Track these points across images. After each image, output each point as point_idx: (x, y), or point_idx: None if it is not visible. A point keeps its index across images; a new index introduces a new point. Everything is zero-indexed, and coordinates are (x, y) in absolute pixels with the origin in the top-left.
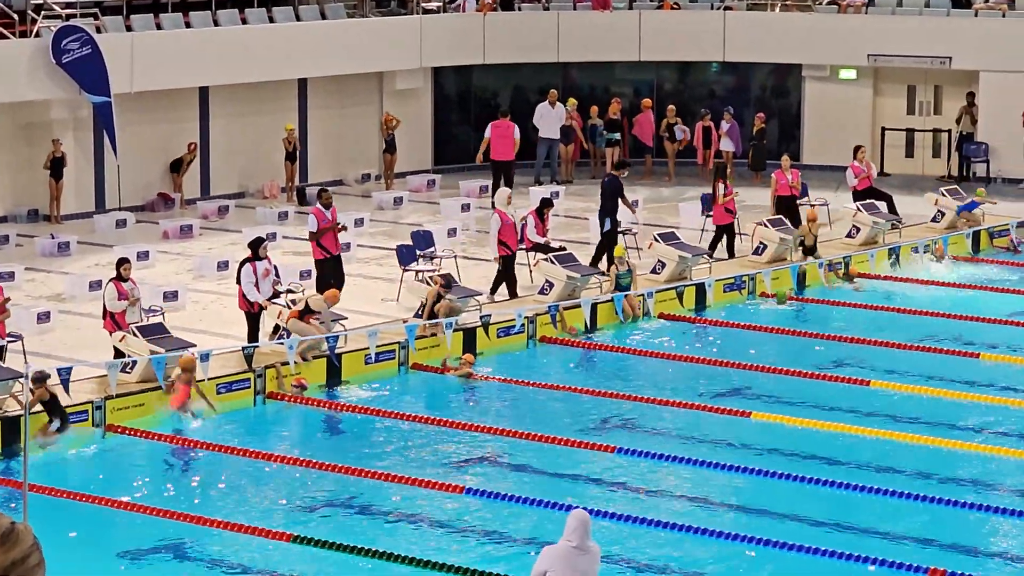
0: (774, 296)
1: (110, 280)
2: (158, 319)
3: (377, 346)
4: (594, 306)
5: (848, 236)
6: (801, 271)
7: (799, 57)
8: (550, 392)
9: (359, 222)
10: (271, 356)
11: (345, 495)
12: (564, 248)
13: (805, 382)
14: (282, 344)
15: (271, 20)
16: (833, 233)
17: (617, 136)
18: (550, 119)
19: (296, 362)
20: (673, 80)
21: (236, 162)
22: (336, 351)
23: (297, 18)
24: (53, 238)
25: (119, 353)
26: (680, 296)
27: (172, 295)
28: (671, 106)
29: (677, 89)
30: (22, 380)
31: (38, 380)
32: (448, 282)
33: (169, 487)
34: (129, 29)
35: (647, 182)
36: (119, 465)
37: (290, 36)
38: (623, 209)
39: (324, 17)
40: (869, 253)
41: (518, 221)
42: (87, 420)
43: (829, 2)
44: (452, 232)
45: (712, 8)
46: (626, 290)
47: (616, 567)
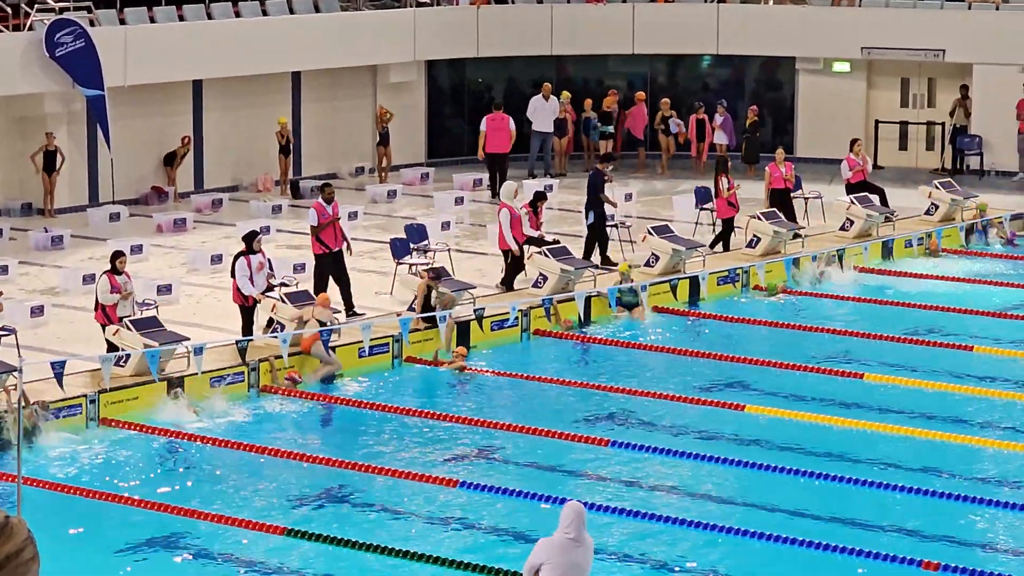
0: (766, 289)
1: (104, 272)
2: (152, 313)
3: (371, 339)
4: (588, 299)
5: (842, 229)
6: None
7: (792, 50)
8: (544, 385)
9: (353, 215)
10: (265, 349)
11: (338, 488)
12: (558, 241)
13: (799, 375)
14: (276, 337)
15: (264, 13)
16: (827, 226)
17: (610, 129)
18: (544, 112)
19: (290, 354)
20: (667, 73)
21: (230, 156)
22: (330, 344)
23: (291, 11)
24: (46, 232)
25: (111, 346)
26: (674, 289)
27: (166, 289)
28: (665, 99)
29: (671, 82)
30: (16, 374)
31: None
32: (438, 274)
33: (162, 481)
34: (122, 22)
35: (640, 175)
36: (113, 459)
37: (284, 29)
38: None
39: (318, 10)
40: (863, 245)
41: (523, 213)
42: (81, 414)
43: None
44: (446, 225)
45: (705, 1)
46: (629, 307)
47: (609, 560)
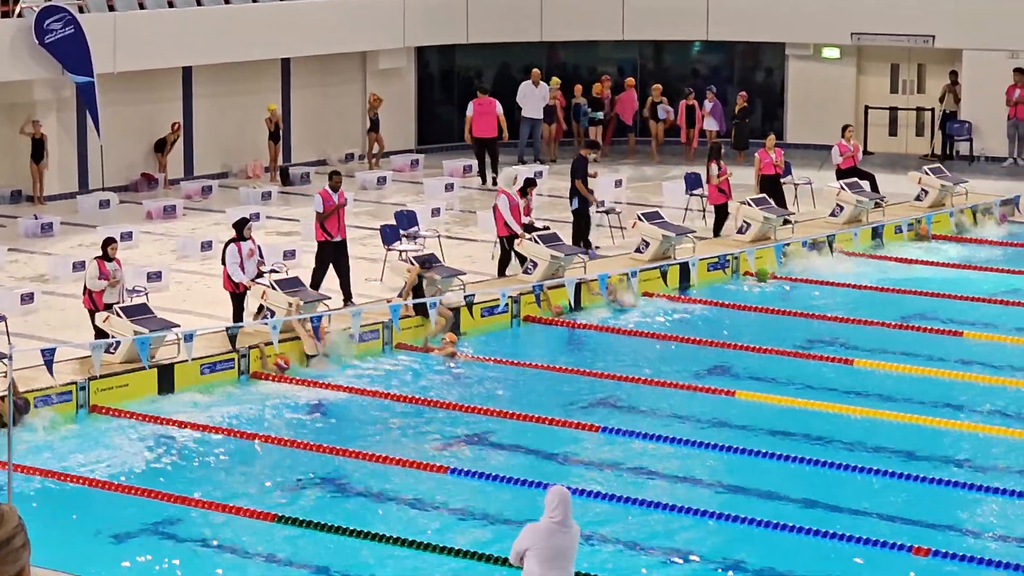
0: (756, 275)
1: (94, 258)
2: (142, 299)
3: (361, 326)
4: (578, 285)
5: (831, 215)
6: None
7: (782, 36)
8: (534, 371)
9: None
10: (255, 336)
11: (329, 475)
12: (548, 228)
13: (789, 361)
14: (266, 324)
15: (254, 0)
16: (817, 212)
17: (600, 115)
18: (533, 98)
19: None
20: (656, 59)
21: (219, 142)
22: (320, 330)
23: None
24: (36, 219)
25: (100, 333)
26: (664, 275)
27: (156, 275)
28: (657, 85)
29: (660, 68)
30: (6, 361)
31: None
32: (427, 261)
33: (153, 467)
34: (112, 9)
35: (630, 161)
36: (103, 446)
37: (273, 15)
38: (603, 188)
39: None
40: (853, 231)
41: (520, 201)
42: (71, 401)
43: None
44: (436, 212)
45: None
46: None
47: (600, 546)
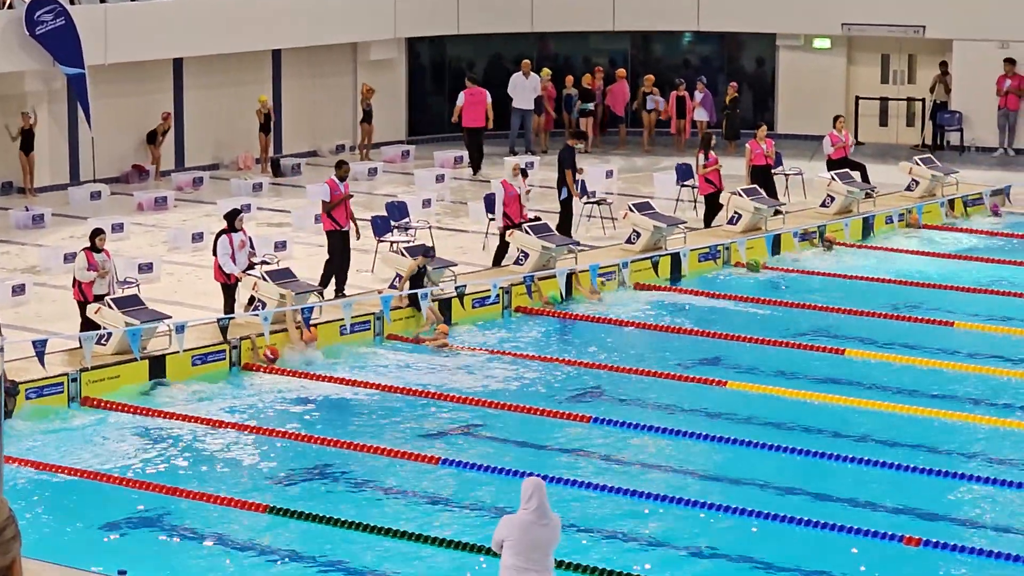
0: (747, 265)
1: (82, 249)
2: (133, 291)
3: (352, 317)
4: (569, 276)
5: (822, 205)
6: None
7: (773, 26)
8: (525, 362)
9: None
10: (246, 327)
11: (320, 466)
12: (539, 218)
13: (780, 351)
14: (257, 315)
15: None
16: (808, 202)
17: (590, 106)
18: (524, 89)
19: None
20: (647, 50)
21: (210, 134)
22: (311, 322)
23: None
24: (27, 210)
25: (89, 325)
26: (655, 266)
27: (147, 267)
28: (649, 76)
29: (651, 59)
30: None
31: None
32: (428, 251)
33: (145, 459)
34: (103, 0)
35: (621, 152)
36: (94, 437)
37: (264, 6)
38: (593, 179)
39: None
40: (844, 222)
41: (523, 192)
42: (62, 392)
43: None
44: (427, 203)
45: None
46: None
47: (590, 536)
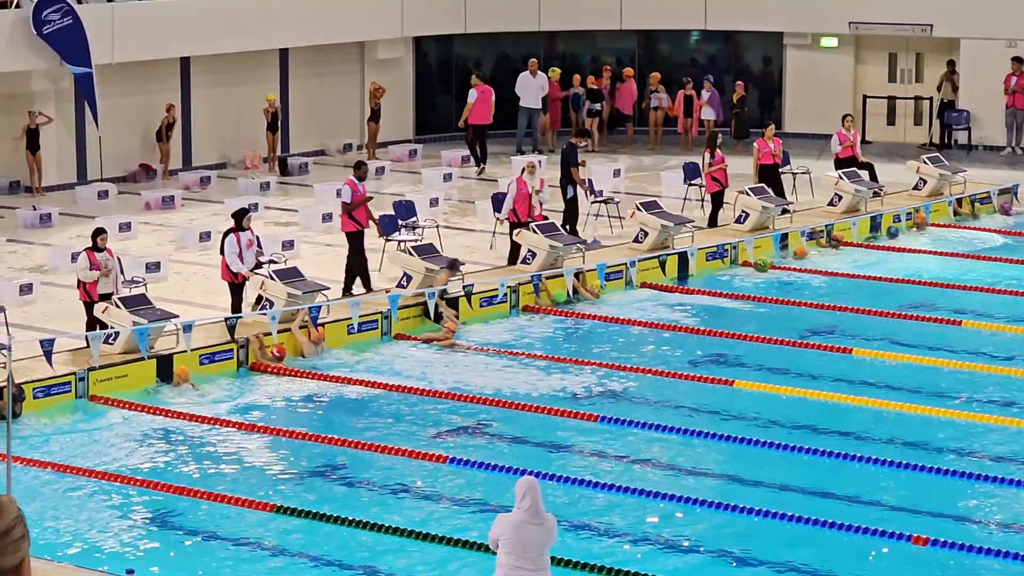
0: (755, 265)
1: (84, 249)
2: (140, 290)
3: (360, 316)
4: (577, 275)
5: (830, 204)
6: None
7: (780, 25)
8: (533, 361)
9: (339, 192)
10: (254, 326)
11: (328, 465)
12: (546, 217)
13: (787, 350)
14: (264, 315)
15: None
16: (815, 201)
17: (598, 106)
18: (531, 88)
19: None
20: (655, 49)
21: (218, 133)
22: (319, 321)
23: None
24: (35, 210)
25: (92, 324)
26: (662, 265)
27: (154, 266)
28: (655, 74)
29: (658, 58)
30: (4, 352)
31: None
32: (453, 264)
33: (152, 458)
34: (110, 0)
35: (628, 151)
36: (102, 437)
37: (271, 5)
38: (601, 178)
39: None
40: (851, 221)
41: (533, 190)
42: (70, 392)
43: None
44: (434, 202)
45: None
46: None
47: (597, 536)
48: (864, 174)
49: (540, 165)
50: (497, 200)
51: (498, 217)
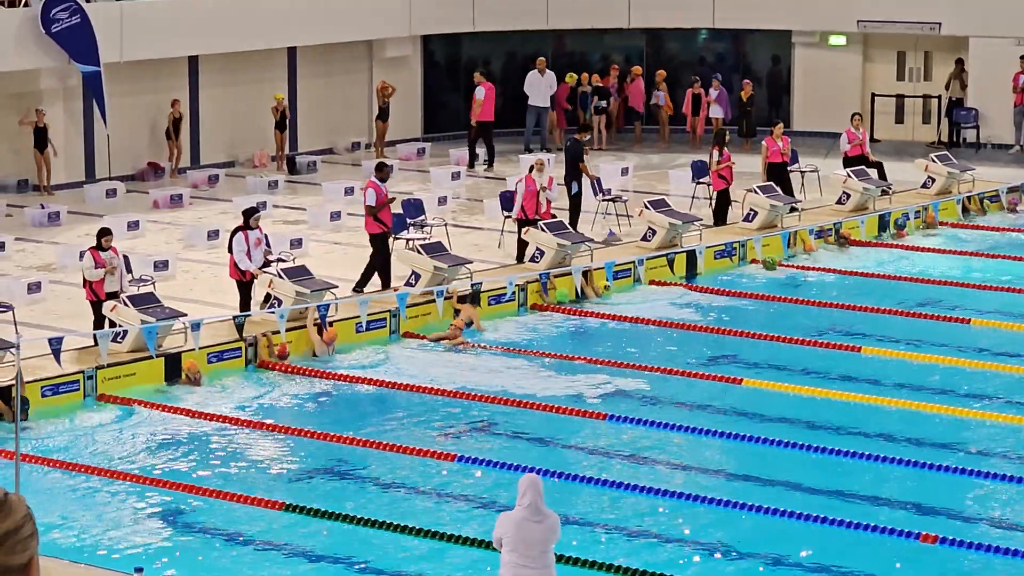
0: (763, 263)
1: (88, 248)
2: (149, 288)
3: (368, 314)
4: (585, 273)
5: (838, 203)
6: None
7: (789, 23)
8: (541, 360)
9: (349, 191)
10: (262, 325)
11: (337, 463)
12: (554, 215)
13: (796, 348)
14: (273, 313)
15: None
16: (823, 200)
17: (604, 104)
18: (540, 87)
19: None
20: (663, 47)
21: (226, 131)
22: (328, 319)
23: None
24: (43, 208)
25: (101, 323)
26: (671, 263)
27: (163, 264)
28: (660, 71)
29: (666, 56)
30: (13, 351)
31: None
32: (474, 298)
33: (160, 456)
34: None
35: (637, 149)
36: (110, 435)
37: (280, 4)
38: (609, 176)
39: None
40: (860, 219)
41: (542, 188)
42: (78, 390)
43: None
44: (442, 200)
45: None
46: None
47: (607, 534)
48: (873, 172)
49: (548, 163)
50: (505, 198)
51: (509, 215)
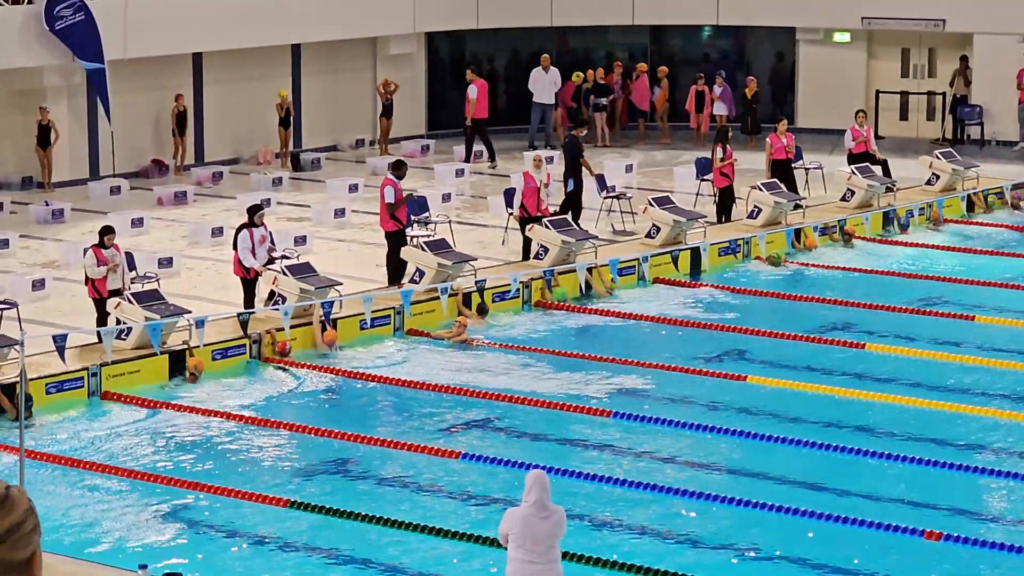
0: (768, 259)
1: (91, 246)
2: (153, 285)
3: (372, 311)
4: (589, 270)
5: (843, 199)
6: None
7: (793, 20)
8: (545, 357)
9: (353, 188)
10: (266, 322)
11: (341, 460)
12: (555, 213)
13: (800, 345)
14: (277, 310)
15: None
16: (828, 196)
17: (604, 101)
18: (544, 84)
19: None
20: (667, 44)
21: (230, 128)
22: (331, 316)
23: None
24: (47, 205)
25: (104, 320)
26: (675, 260)
27: (167, 262)
28: (661, 68)
29: (670, 53)
30: (17, 348)
31: None
32: (483, 310)
33: (164, 453)
34: None
35: (641, 146)
36: (114, 432)
37: (284, 1)
38: (613, 174)
39: None
40: (864, 216)
41: (541, 184)
42: (82, 387)
43: None
44: (447, 197)
45: None
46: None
47: (611, 531)
48: (877, 169)
49: (552, 160)
50: (509, 195)
51: (510, 212)
